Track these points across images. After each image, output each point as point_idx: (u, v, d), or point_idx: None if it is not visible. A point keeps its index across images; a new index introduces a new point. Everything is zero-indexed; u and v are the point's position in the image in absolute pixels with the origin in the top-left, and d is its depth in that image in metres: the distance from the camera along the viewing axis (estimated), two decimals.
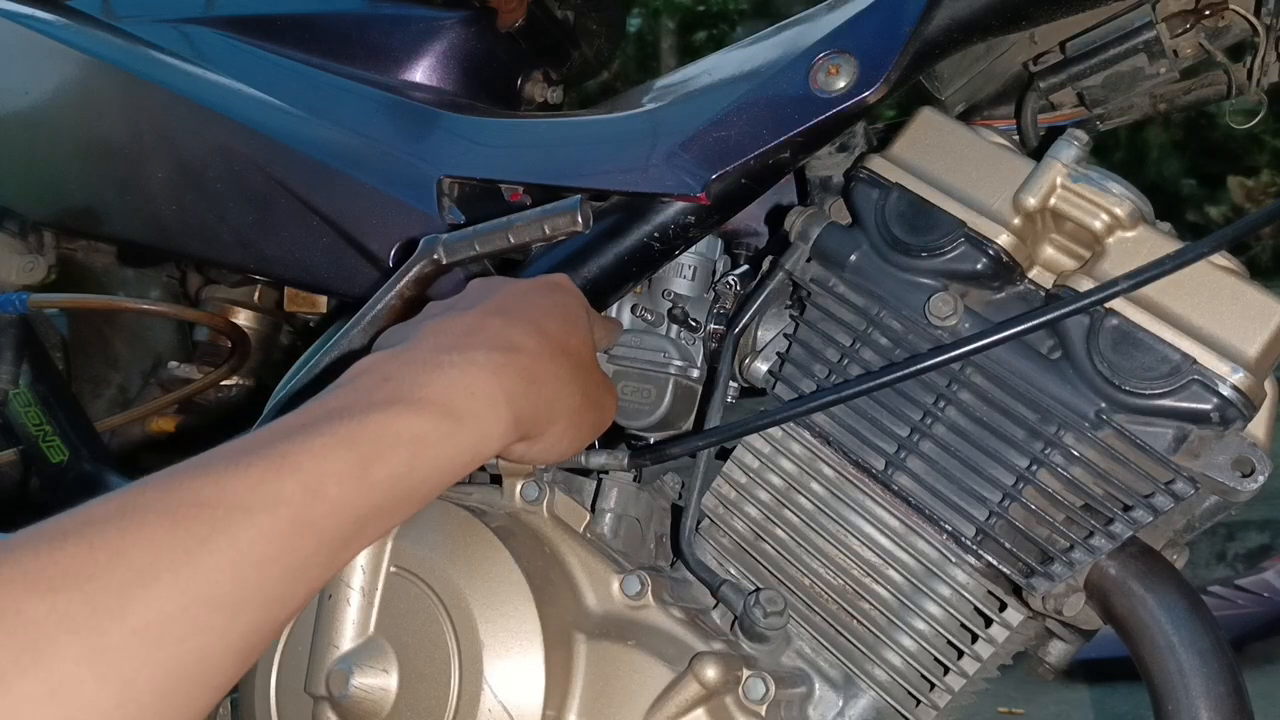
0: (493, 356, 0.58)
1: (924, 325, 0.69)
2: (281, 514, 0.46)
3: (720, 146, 0.75)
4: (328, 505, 0.48)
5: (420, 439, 0.52)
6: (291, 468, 0.48)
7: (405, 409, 0.52)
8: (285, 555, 0.46)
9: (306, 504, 0.47)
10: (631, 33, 7.04)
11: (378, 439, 0.51)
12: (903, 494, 0.69)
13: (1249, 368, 0.62)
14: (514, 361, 0.59)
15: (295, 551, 0.47)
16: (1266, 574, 2.66)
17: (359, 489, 0.49)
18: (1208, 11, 0.76)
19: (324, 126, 0.92)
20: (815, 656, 0.72)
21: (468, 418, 0.55)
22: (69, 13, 1.09)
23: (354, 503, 0.49)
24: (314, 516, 0.47)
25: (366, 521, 0.50)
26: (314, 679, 0.67)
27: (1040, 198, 0.66)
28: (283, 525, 0.46)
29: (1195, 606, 0.63)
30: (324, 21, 1.02)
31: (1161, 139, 6.15)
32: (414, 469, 0.52)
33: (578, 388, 0.64)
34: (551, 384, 0.62)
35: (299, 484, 0.47)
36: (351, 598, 0.67)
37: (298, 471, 0.48)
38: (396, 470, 0.51)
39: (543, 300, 0.66)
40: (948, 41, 0.72)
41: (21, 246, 1.18)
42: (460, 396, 0.55)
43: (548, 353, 0.62)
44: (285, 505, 0.46)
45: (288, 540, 0.46)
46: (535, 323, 0.63)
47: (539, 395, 0.60)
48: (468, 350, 0.57)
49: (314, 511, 0.47)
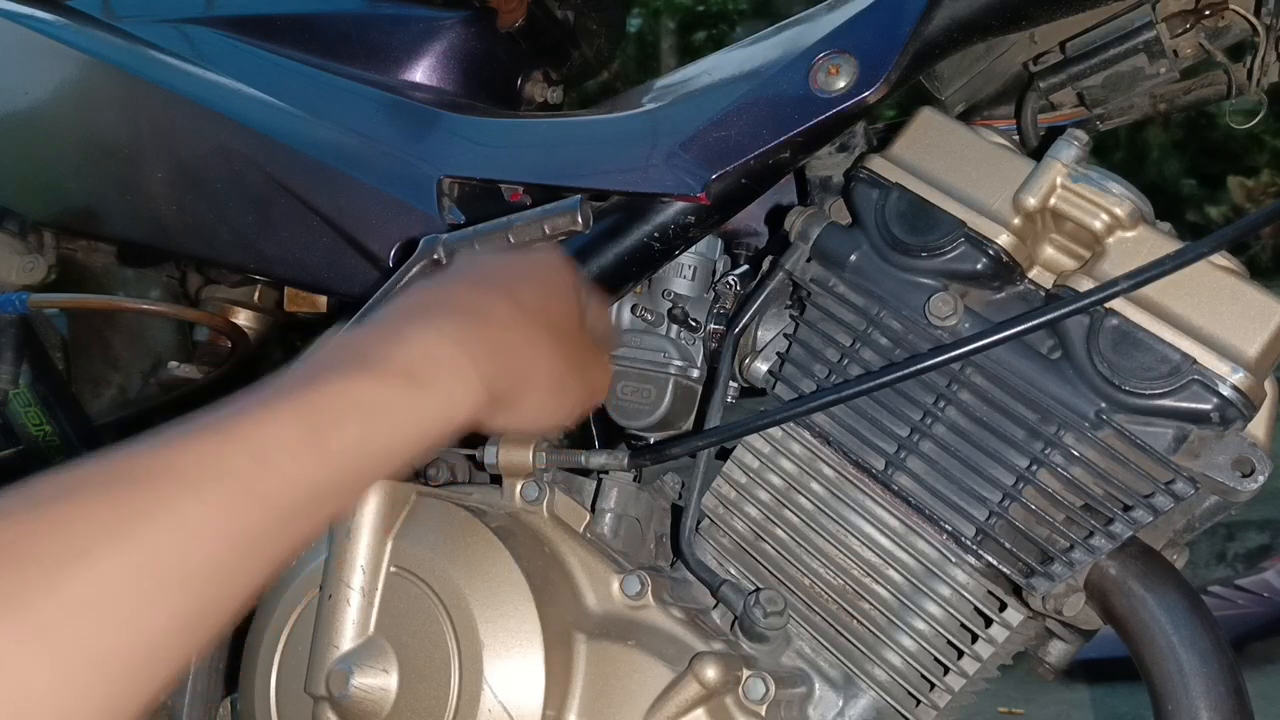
0: (457, 322, 0.56)
1: (924, 325, 0.69)
2: (228, 485, 0.44)
3: (720, 146, 0.75)
4: (279, 476, 0.46)
5: (376, 405, 0.50)
6: (239, 438, 0.46)
7: (362, 376, 0.50)
8: (234, 528, 0.44)
9: (255, 475, 0.45)
10: (631, 33, 7.03)
11: (331, 406, 0.48)
12: (903, 494, 0.69)
13: (1249, 368, 0.62)
14: (481, 327, 0.57)
15: (245, 524, 0.45)
16: (1266, 574, 2.66)
17: (312, 459, 0.47)
18: (1208, 11, 0.76)
19: (324, 126, 0.92)
20: (815, 656, 0.72)
21: (429, 384, 0.53)
22: (69, 13, 1.09)
23: (308, 473, 0.47)
24: (264, 488, 0.45)
25: (323, 493, 0.48)
26: (314, 679, 0.67)
27: (1040, 198, 0.66)
28: (229, 497, 0.44)
29: (1195, 606, 0.63)
30: (324, 21, 1.02)
31: (1161, 139, 6.15)
32: (370, 437, 0.49)
33: (558, 355, 0.62)
34: (525, 350, 0.60)
35: (247, 454, 0.45)
36: (351, 598, 0.67)
37: (245, 442, 0.46)
38: (351, 439, 0.49)
39: (521, 268, 0.65)
40: (948, 41, 0.72)
41: (21, 246, 1.17)
42: (420, 362, 0.53)
43: (522, 319, 0.60)
44: (232, 476, 0.45)
45: (236, 513, 0.44)
46: (508, 289, 0.61)
47: (511, 361, 0.58)
48: (432, 318, 0.56)
49: (264, 483, 0.45)
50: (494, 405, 0.57)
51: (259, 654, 0.73)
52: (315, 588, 0.71)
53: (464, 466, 0.86)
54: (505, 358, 0.58)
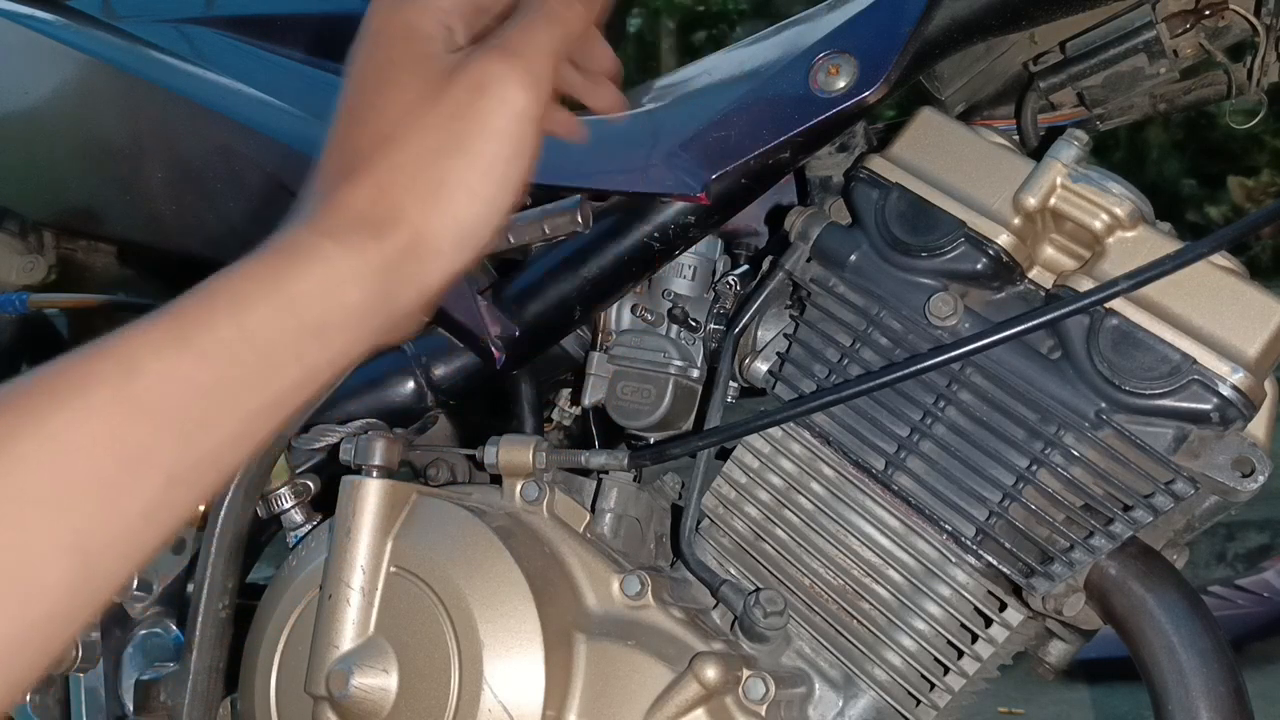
0: (319, 208, 0.51)
1: (924, 325, 0.69)
2: (97, 393, 0.43)
3: (720, 146, 0.75)
4: (151, 379, 0.43)
5: (241, 295, 0.46)
6: (106, 352, 0.44)
7: (225, 276, 0.47)
8: (113, 438, 0.43)
9: (124, 380, 0.43)
10: (631, 33, 7.04)
11: (197, 306, 0.46)
12: (903, 494, 0.69)
13: (1249, 368, 0.62)
14: (340, 203, 0.51)
15: (126, 433, 0.43)
16: (1266, 574, 2.66)
17: (183, 357, 0.44)
18: (1208, 11, 0.76)
19: (324, 126, 0.92)
20: (815, 656, 0.72)
21: (294, 267, 0.48)
22: (69, 13, 1.09)
23: (184, 374, 0.44)
24: (138, 392, 0.43)
25: (218, 391, 0.45)
26: (314, 679, 0.67)
27: (1040, 198, 0.66)
28: (101, 405, 0.42)
29: (1195, 606, 0.63)
30: (324, 21, 1.02)
31: (1161, 139, 6.14)
32: (244, 328, 0.46)
33: (422, 171, 0.51)
34: (389, 195, 0.51)
35: (112, 361, 0.43)
36: (351, 598, 0.67)
37: (112, 353, 0.44)
38: (224, 333, 0.45)
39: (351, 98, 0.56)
40: (948, 41, 0.72)
41: (21, 246, 1.17)
42: (280, 254, 0.49)
43: (366, 170, 0.51)
44: (100, 384, 0.43)
45: (111, 421, 0.43)
46: (354, 148, 0.53)
47: (379, 216, 0.50)
48: (300, 216, 0.52)
49: (136, 387, 0.43)
50: (392, 262, 0.50)
51: (259, 654, 0.73)
52: (315, 588, 0.71)
53: (464, 466, 0.86)
54: (367, 208, 0.50)
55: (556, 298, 0.82)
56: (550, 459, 0.73)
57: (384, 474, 0.70)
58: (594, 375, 0.84)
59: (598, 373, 0.84)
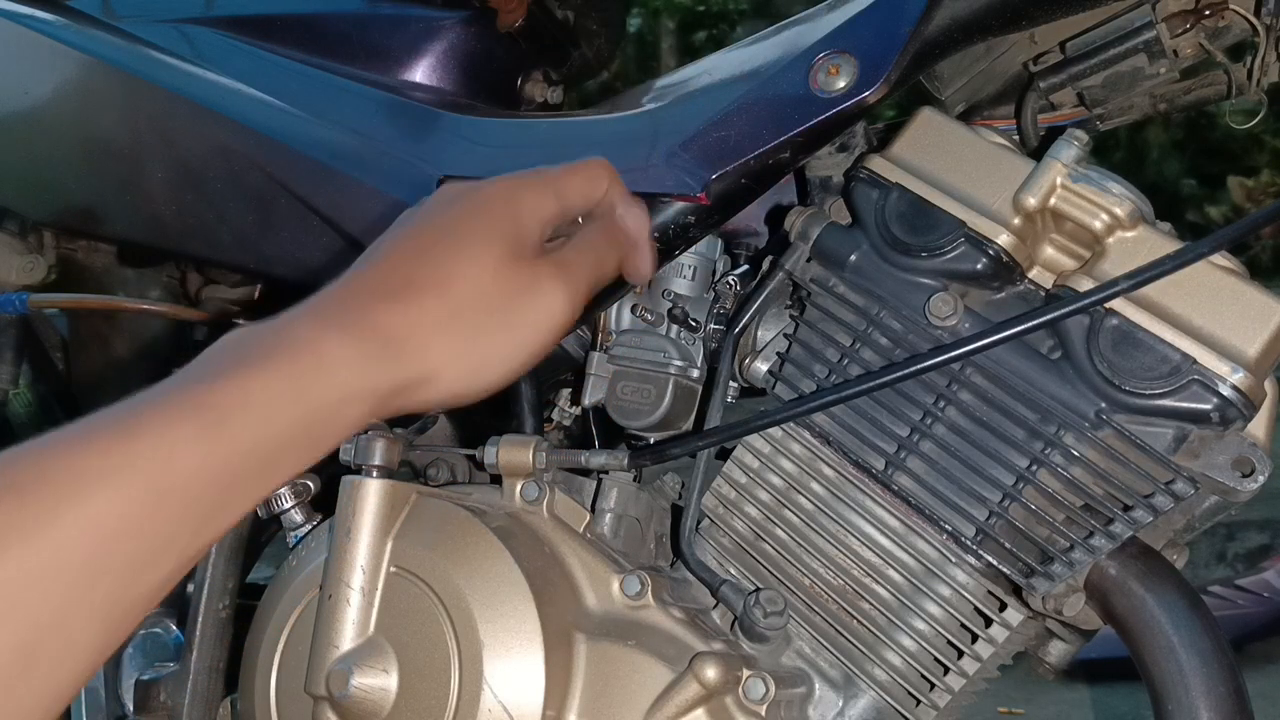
0: (349, 320, 0.54)
1: (924, 325, 0.69)
2: (135, 482, 0.45)
3: (720, 146, 0.75)
4: (184, 471, 0.47)
5: (271, 407, 0.50)
6: (142, 433, 0.46)
7: (254, 370, 0.50)
8: (144, 523, 0.46)
9: (160, 471, 0.46)
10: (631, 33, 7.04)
11: (225, 402, 0.49)
12: (903, 494, 0.69)
13: (1249, 368, 0.62)
14: (372, 325, 0.55)
15: (155, 519, 0.46)
16: (1266, 574, 2.66)
17: (215, 454, 0.48)
18: (1208, 11, 0.76)
19: (324, 126, 0.92)
20: (815, 656, 0.72)
21: (319, 379, 0.52)
22: (69, 13, 1.09)
23: (212, 468, 0.48)
24: (171, 483, 0.46)
25: (233, 487, 0.49)
26: (314, 679, 0.67)
27: (1040, 198, 0.66)
28: (138, 492, 0.45)
29: (1195, 607, 0.63)
30: (324, 21, 1.02)
31: (1161, 139, 6.15)
32: (270, 437, 0.50)
33: (463, 325, 0.57)
34: (422, 332, 0.56)
35: (150, 449, 0.46)
36: (351, 598, 0.67)
37: (148, 437, 0.46)
38: (252, 434, 0.49)
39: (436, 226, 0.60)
40: (948, 41, 0.72)
41: (21, 246, 1.18)
42: (306, 354, 0.52)
43: (415, 301, 0.56)
44: (138, 473, 0.46)
45: (145, 508, 0.46)
46: (407, 276, 0.57)
47: (409, 341, 0.55)
48: (322, 310, 0.55)
49: (170, 478, 0.46)
50: (401, 389, 0.55)
51: (259, 654, 0.73)
52: (315, 588, 0.71)
53: (464, 466, 0.86)
54: (400, 337, 0.55)
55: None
56: (550, 459, 0.73)
57: (384, 474, 0.70)
58: (594, 375, 0.84)
59: (598, 373, 0.84)
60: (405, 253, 0.59)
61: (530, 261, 0.60)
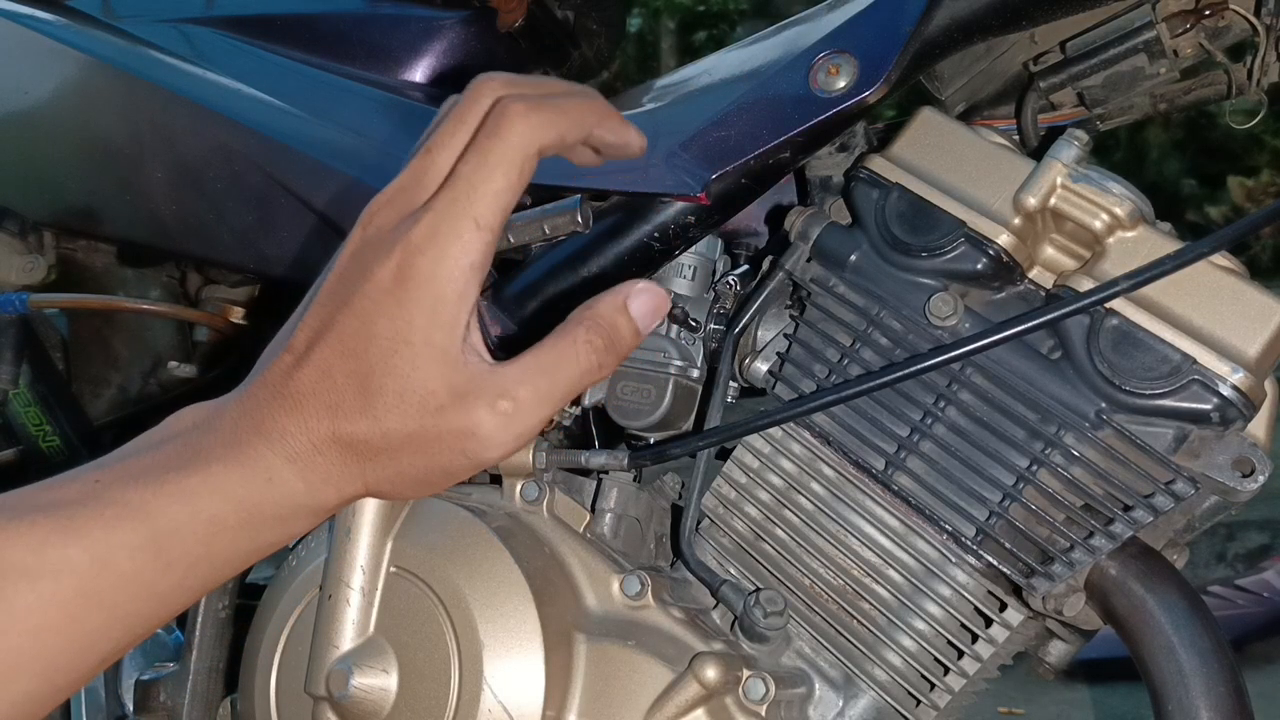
0: (288, 437, 0.50)
1: (924, 325, 0.69)
2: (65, 582, 0.44)
3: (720, 146, 0.75)
4: (118, 578, 0.45)
5: (216, 520, 0.48)
6: (79, 532, 0.44)
7: (202, 484, 0.48)
8: (69, 625, 0.44)
9: (94, 574, 0.44)
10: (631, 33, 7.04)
11: (173, 515, 0.47)
12: (903, 494, 0.69)
13: (1249, 368, 0.62)
14: (310, 445, 0.51)
15: (81, 622, 0.44)
16: (1266, 574, 2.66)
17: (153, 565, 0.46)
18: (1208, 11, 0.76)
19: (324, 126, 0.92)
20: (815, 656, 0.72)
21: (269, 498, 0.50)
22: (69, 13, 1.09)
23: (148, 578, 0.46)
24: (103, 588, 0.45)
25: (165, 599, 0.47)
26: (314, 679, 0.67)
27: (1040, 198, 0.66)
28: (67, 594, 0.44)
29: (1195, 607, 0.63)
30: (324, 21, 1.02)
31: (1161, 139, 6.15)
32: (211, 550, 0.48)
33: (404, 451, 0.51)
34: (357, 449, 0.51)
35: (85, 552, 0.44)
36: (351, 598, 0.67)
37: (85, 538, 0.44)
38: (193, 551, 0.47)
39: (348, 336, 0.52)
40: (948, 41, 0.72)
41: (21, 246, 1.18)
42: (259, 479, 0.49)
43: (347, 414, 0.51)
44: (70, 574, 0.44)
45: (72, 610, 0.44)
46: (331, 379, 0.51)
47: (347, 471, 0.51)
48: (267, 423, 0.50)
49: (103, 583, 0.45)
50: (343, 504, 0.53)
51: (259, 654, 0.73)
52: (315, 588, 0.71)
53: None
54: (357, 463, 0.51)
55: (556, 298, 0.82)
56: (550, 459, 0.73)
57: None
58: None
59: None
60: (329, 341, 0.51)
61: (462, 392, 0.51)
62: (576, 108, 0.54)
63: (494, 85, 0.54)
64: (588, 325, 0.54)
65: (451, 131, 0.54)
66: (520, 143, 0.52)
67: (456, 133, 0.54)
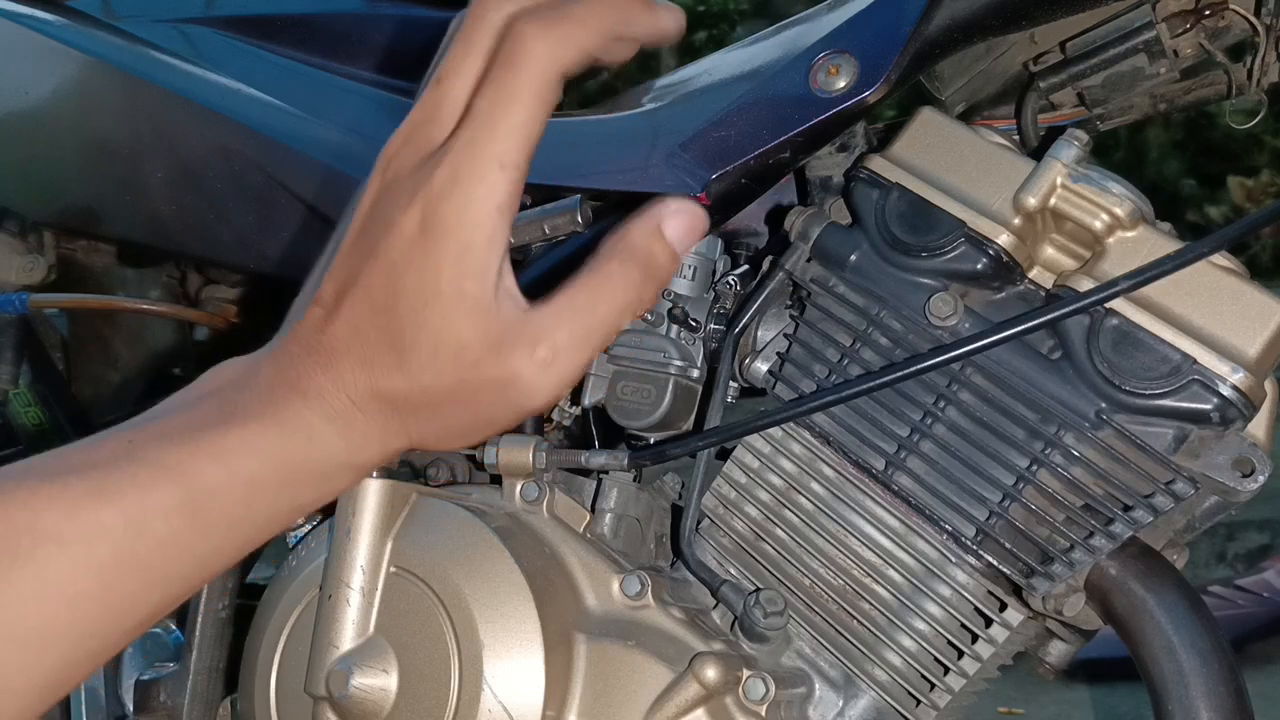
0: (324, 396, 0.49)
1: (924, 325, 0.69)
2: (100, 548, 0.42)
3: (720, 146, 0.75)
4: (154, 541, 0.43)
5: (255, 481, 0.46)
6: (113, 495, 0.43)
7: (240, 443, 0.46)
8: (104, 592, 0.42)
9: (130, 538, 0.43)
10: None
11: (210, 475, 0.45)
12: (903, 494, 0.69)
13: (1249, 368, 0.62)
14: (348, 402, 0.49)
15: (116, 588, 0.43)
16: (1266, 574, 2.66)
17: (191, 528, 0.44)
18: (1208, 11, 0.76)
19: (324, 126, 0.92)
20: (815, 656, 0.72)
21: (309, 455, 0.48)
22: (69, 13, 1.09)
23: (186, 541, 0.44)
24: (138, 552, 0.43)
25: (204, 562, 0.46)
26: (314, 679, 0.67)
27: (1040, 198, 0.66)
28: (101, 559, 0.42)
29: (1195, 607, 0.63)
30: (324, 21, 1.02)
31: (1161, 139, 6.14)
32: (251, 511, 0.47)
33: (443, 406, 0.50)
34: (395, 404, 0.50)
35: (120, 515, 0.43)
36: (351, 598, 0.67)
37: (120, 501, 0.43)
38: (232, 512, 0.46)
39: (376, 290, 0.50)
40: (948, 41, 0.72)
41: (21, 246, 1.18)
42: (299, 435, 0.48)
43: (382, 368, 0.49)
44: (104, 539, 0.42)
45: (107, 576, 0.42)
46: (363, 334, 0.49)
47: (386, 426, 0.50)
48: (303, 381, 0.49)
49: (138, 547, 0.43)
50: (386, 458, 0.52)
51: (259, 654, 0.73)
52: (315, 588, 0.71)
53: (464, 466, 0.86)
54: (393, 411, 0.50)
55: None
56: (550, 459, 0.73)
57: (384, 474, 0.70)
58: (594, 375, 0.84)
59: (598, 373, 0.84)
60: (357, 295, 0.50)
61: (498, 341, 0.49)
62: (594, 12, 0.49)
63: (499, 1, 0.50)
64: (622, 257, 0.51)
65: (461, 57, 0.50)
66: (539, 69, 0.48)
67: (467, 58, 0.49)
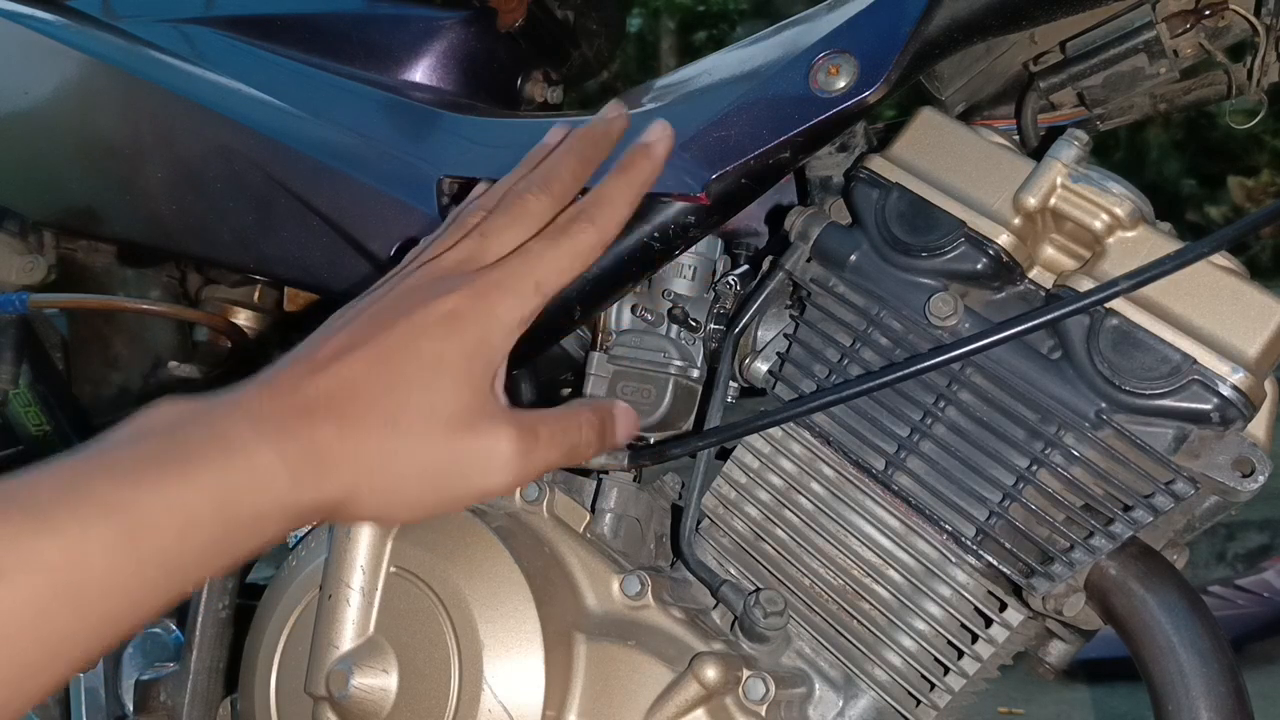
0: (286, 432, 0.51)
1: (924, 325, 0.69)
2: (37, 582, 0.42)
3: (720, 146, 0.75)
4: (92, 575, 0.44)
5: (191, 518, 0.47)
6: (53, 530, 0.43)
7: (180, 483, 0.47)
8: (40, 625, 0.42)
9: (67, 573, 0.43)
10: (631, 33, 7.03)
11: (145, 506, 0.46)
12: (903, 494, 0.69)
13: (1249, 368, 0.62)
14: (310, 442, 0.51)
15: (51, 622, 0.43)
16: (1266, 574, 2.66)
17: (129, 562, 0.45)
18: (1208, 11, 0.76)
19: (324, 126, 0.92)
20: (815, 656, 0.72)
21: (248, 493, 0.49)
22: (69, 13, 1.09)
23: (123, 573, 0.45)
24: (76, 585, 0.43)
25: (141, 592, 0.46)
26: (314, 679, 0.67)
27: (1040, 198, 0.66)
28: (39, 592, 0.42)
29: (1195, 607, 0.63)
30: (324, 21, 1.02)
31: (1161, 139, 6.14)
32: (185, 549, 0.47)
33: (398, 466, 0.54)
34: (358, 462, 0.53)
35: (59, 550, 0.43)
36: (351, 598, 0.67)
37: (59, 536, 0.43)
38: (167, 546, 0.46)
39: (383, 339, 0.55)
40: (948, 41, 0.72)
41: (21, 246, 1.17)
42: (239, 471, 0.49)
43: (359, 427, 0.53)
44: (41, 572, 0.42)
45: (44, 609, 0.42)
46: (354, 389, 0.53)
47: (338, 475, 0.52)
48: (266, 419, 0.51)
49: (76, 580, 0.43)
50: (321, 509, 0.53)
51: (259, 654, 0.73)
52: (315, 588, 0.71)
53: None
54: (334, 461, 0.52)
55: (556, 298, 0.82)
56: None
57: None
58: (594, 375, 0.84)
59: (598, 373, 0.84)
60: (359, 355, 0.54)
61: (490, 416, 0.56)
62: None
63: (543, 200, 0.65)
64: (592, 408, 0.63)
65: (507, 225, 0.63)
66: (591, 242, 0.63)
67: (512, 227, 0.63)
